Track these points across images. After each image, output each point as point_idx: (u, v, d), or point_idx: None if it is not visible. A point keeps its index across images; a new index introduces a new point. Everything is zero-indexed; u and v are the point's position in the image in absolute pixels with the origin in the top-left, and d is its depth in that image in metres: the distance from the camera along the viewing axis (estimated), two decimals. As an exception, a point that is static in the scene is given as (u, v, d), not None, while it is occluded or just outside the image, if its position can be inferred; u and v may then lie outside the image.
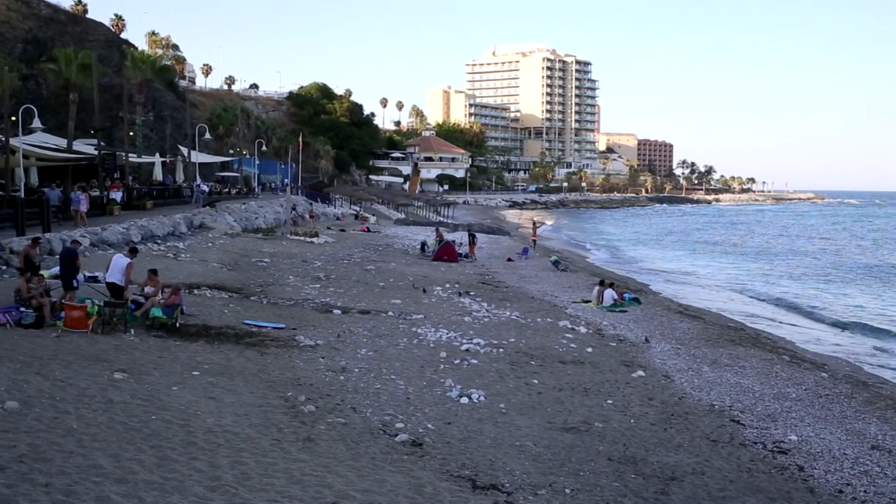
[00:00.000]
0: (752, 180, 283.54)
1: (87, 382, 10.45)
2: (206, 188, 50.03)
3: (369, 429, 10.50)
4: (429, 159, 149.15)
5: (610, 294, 24.72)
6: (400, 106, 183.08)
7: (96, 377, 10.82)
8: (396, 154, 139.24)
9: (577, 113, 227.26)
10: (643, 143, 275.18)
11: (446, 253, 36.11)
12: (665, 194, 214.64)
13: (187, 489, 7.22)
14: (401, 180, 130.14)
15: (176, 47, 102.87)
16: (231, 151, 69.81)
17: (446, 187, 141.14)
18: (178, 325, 15.23)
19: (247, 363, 13.35)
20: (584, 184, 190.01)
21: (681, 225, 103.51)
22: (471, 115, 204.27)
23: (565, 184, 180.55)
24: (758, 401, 13.92)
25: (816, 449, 11.42)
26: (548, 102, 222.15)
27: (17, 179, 28.13)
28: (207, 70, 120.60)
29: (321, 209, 63.66)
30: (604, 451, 10.62)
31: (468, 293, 25.04)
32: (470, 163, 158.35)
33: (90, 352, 12.42)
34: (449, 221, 72.07)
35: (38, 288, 14.64)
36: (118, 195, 35.05)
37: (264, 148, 74.30)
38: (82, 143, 41.59)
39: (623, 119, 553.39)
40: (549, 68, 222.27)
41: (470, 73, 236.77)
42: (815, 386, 15.40)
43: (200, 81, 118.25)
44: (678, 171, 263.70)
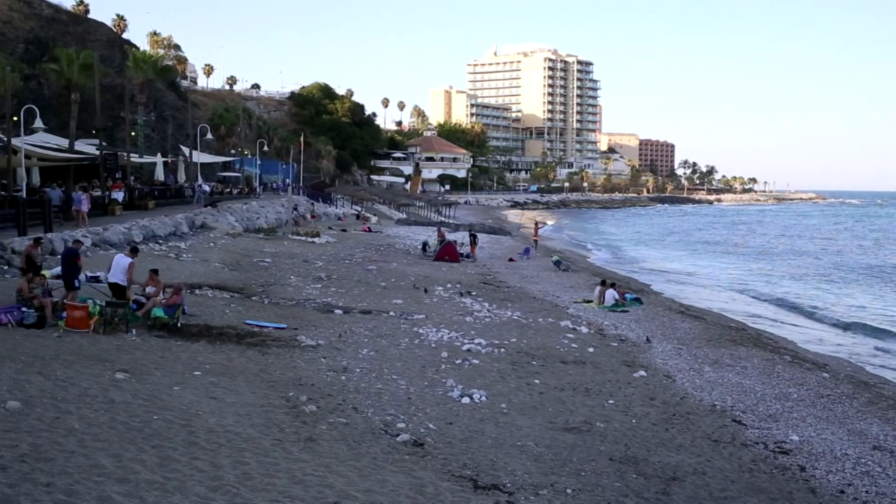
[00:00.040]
0: (754, 180, 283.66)
1: (88, 382, 10.45)
2: (207, 188, 50.06)
3: (371, 429, 10.50)
4: (430, 159, 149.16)
5: (611, 294, 24.74)
6: (401, 106, 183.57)
7: (98, 377, 10.82)
8: (398, 154, 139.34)
9: (578, 113, 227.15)
10: (645, 143, 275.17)
11: (448, 253, 36.10)
12: (667, 194, 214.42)
13: (189, 489, 7.22)
14: (402, 180, 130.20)
15: (178, 47, 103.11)
16: (233, 151, 69.83)
17: (448, 187, 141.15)
18: (179, 325, 15.24)
19: (248, 363, 13.35)
20: (585, 184, 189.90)
21: (682, 225, 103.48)
22: (472, 115, 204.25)
23: (567, 184, 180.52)
24: (759, 401, 13.92)
25: (818, 449, 11.41)
26: (549, 102, 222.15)
27: (19, 179, 28.14)
28: (209, 70, 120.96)
29: (322, 209, 63.69)
30: (605, 451, 10.62)
31: (470, 293, 25.04)
32: (471, 163, 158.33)
33: (92, 352, 12.42)
34: (450, 221, 72.05)
35: (40, 288, 14.65)
36: (120, 195, 35.13)
37: (266, 148, 74.39)
38: (84, 144, 41.63)
39: (625, 119, 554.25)
40: (550, 68, 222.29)
41: (471, 73, 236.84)
42: (816, 386, 15.39)
43: (202, 81, 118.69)
44: (680, 172, 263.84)
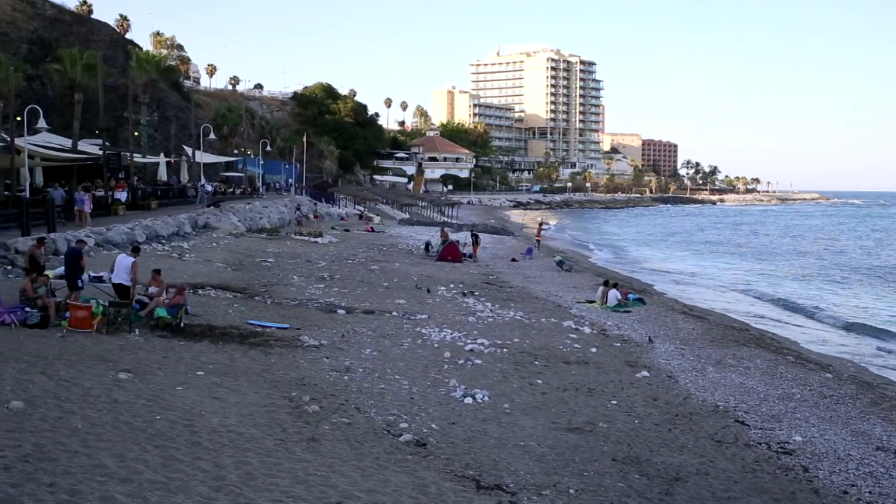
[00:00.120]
0: (757, 180, 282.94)
1: (91, 382, 10.46)
2: (210, 188, 50.17)
3: (373, 429, 10.51)
4: (433, 159, 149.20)
5: (614, 294, 24.72)
6: (404, 106, 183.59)
7: (101, 377, 10.84)
8: (401, 154, 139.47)
9: (581, 113, 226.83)
10: (647, 144, 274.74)
11: (450, 253, 36.09)
12: (669, 195, 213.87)
13: (192, 489, 7.23)
14: (405, 180, 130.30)
15: (181, 47, 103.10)
16: (235, 151, 69.93)
17: (450, 187, 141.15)
18: (182, 325, 15.26)
19: (251, 363, 13.36)
20: (588, 184, 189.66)
21: (685, 225, 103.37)
22: (475, 115, 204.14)
23: (569, 184, 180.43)
24: (762, 401, 13.89)
25: (821, 450, 11.39)
26: (552, 102, 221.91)
27: (23, 179, 28.20)
28: (212, 70, 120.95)
29: (325, 209, 63.73)
30: (608, 451, 10.61)
31: (472, 293, 25.04)
32: (474, 163, 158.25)
33: (95, 352, 12.44)
34: (453, 221, 72.08)
35: (44, 288, 14.68)
36: (123, 195, 35.19)
37: (268, 148, 74.50)
38: (87, 144, 41.72)
39: (627, 119, 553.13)
40: (553, 68, 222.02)
41: (474, 74, 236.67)
42: (819, 387, 15.35)
43: (205, 81, 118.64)
44: (682, 172, 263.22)
